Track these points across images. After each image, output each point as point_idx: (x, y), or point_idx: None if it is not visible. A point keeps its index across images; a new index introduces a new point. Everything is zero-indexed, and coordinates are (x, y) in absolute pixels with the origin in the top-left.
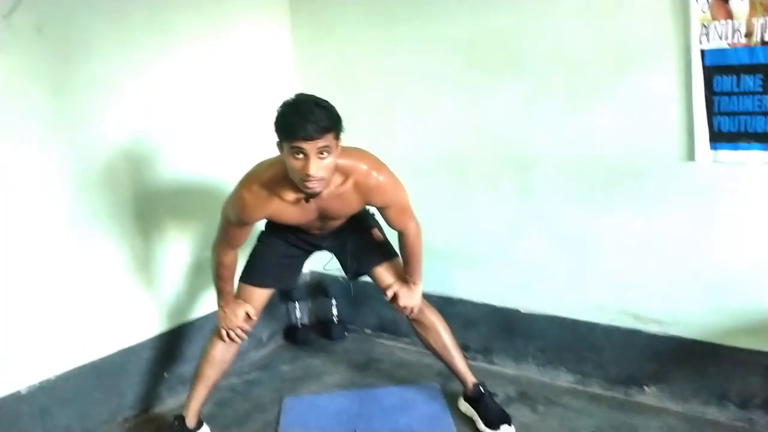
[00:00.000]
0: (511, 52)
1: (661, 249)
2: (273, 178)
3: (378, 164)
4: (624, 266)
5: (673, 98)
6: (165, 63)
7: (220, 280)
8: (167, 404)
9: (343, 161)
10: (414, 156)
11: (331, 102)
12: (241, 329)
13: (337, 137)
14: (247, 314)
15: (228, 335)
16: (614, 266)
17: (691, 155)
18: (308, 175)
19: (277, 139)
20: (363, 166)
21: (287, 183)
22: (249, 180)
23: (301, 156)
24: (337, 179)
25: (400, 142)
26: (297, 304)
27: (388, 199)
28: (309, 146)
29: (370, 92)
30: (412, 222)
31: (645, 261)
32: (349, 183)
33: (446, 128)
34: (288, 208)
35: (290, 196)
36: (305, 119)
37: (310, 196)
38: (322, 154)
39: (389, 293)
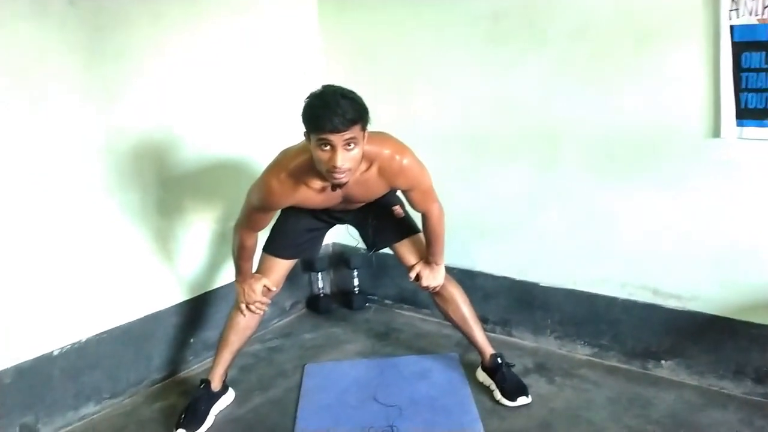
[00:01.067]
0: (534, 27)
1: (682, 225)
2: (300, 166)
3: (401, 148)
4: (644, 242)
5: (699, 74)
6: (191, 37)
7: (239, 260)
8: (193, 368)
9: (366, 147)
10: (436, 130)
11: (355, 76)
12: (261, 303)
13: (363, 128)
14: (266, 287)
15: (248, 308)
16: (634, 241)
17: (716, 132)
18: (335, 167)
19: (305, 130)
20: (386, 151)
21: (314, 172)
22: (276, 168)
23: (327, 148)
24: (362, 166)
25: (423, 116)
26: (319, 275)
27: (412, 182)
28: (336, 138)
29: (393, 67)
30: (435, 204)
31: (665, 237)
32: (374, 169)
33: (468, 102)
34: (314, 196)
35: (316, 184)
36: (332, 112)
37: (336, 186)
38: (349, 145)
39: (412, 274)
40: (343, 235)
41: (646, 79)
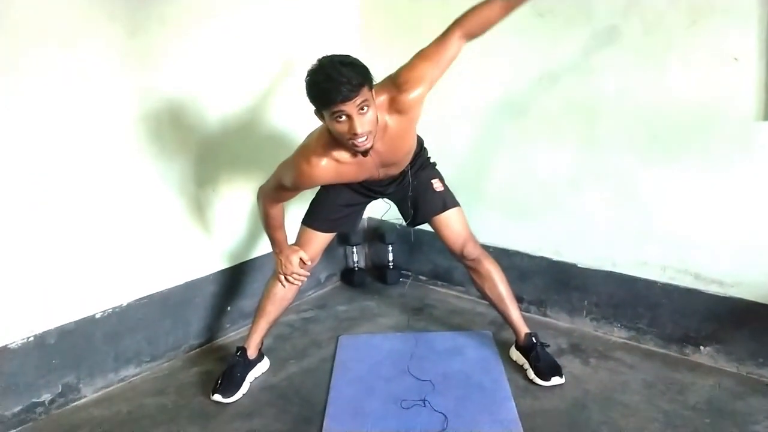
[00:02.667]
0: (584, 0)
1: (727, 209)
2: (326, 144)
3: (386, 81)
4: (687, 225)
5: (750, 55)
6: (233, 7)
7: (270, 229)
8: (230, 336)
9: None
10: (475, 104)
11: (395, 48)
12: (298, 274)
13: (371, 88)
14: (302, 260)
15: (286, 280)
16: (677, 224)
17: (766, 115)
18: (356, 135)
19: (314, 108)
20: (382, 98)
21: (340, 145)
22: (304, 152)
23: (343, 118)
24: (378, 126)
25: (462, 89)
26: (354, 249)
27: (422, 72)
28: (348, 107)
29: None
30: (456, 27)
31: (709, 220)
32: (388, 120)
33: (510, 76)
34: (348, 169)
35: (346, 156)
36: (337, 82)
37: (363, 153)
38: (363, 109)
39: None
40: (378, 210)
41: (695, 57)
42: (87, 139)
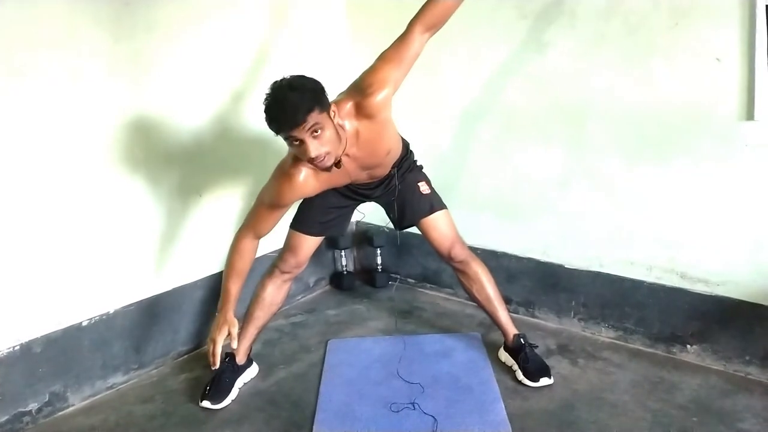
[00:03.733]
0: (566, 3)
1: (713, 208)
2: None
3: (350, 88)
4: (673, 225)
5: (734, 55)
6: (221, 13)
7: (231, 271)
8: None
9: (337, 120)
10: (463, 106)
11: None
12: (214, 353)
13: (322, 110)
14: (230, 334)
15: (208, 343)
16: (663, 225)
17: (750, 114)
18: (311, 158)
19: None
20: (348, 105)
21: None
22: (283, 167)
23: (297, 143)
24: (348, 132)
25: (450, 91)
26: (343, 252)
27: (385, 75)
28: (299, 132)
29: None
30: (415, 24)
31: (695, 220)
32: (358, 126)
33: (496, 80)
34: (328, 176)
35: None
36: (283, 110)
37: (327, 169)
38: (316, 132)
39: None
40: (367, 214)
41: (679, 58)
42: (73, 144)
